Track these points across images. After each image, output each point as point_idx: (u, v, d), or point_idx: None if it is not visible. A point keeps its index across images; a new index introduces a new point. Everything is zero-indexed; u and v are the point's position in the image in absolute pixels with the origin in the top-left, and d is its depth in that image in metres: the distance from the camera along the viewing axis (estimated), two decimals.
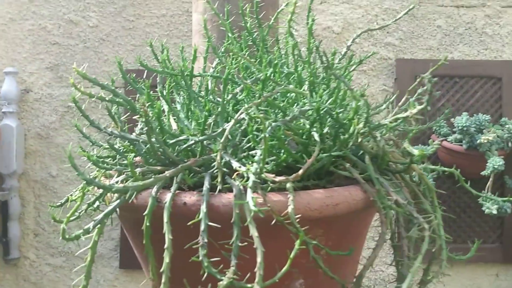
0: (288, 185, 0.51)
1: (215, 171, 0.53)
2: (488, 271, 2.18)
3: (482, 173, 1.96)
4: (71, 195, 0.64)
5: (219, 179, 0.50)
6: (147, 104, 0.53)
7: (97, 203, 0.57)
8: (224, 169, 0.52)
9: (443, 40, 2.24)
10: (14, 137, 2.11)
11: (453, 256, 0.60)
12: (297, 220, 0.48)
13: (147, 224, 0.51)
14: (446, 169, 0.67)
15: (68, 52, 2.24)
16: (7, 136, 2.10)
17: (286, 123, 0.52)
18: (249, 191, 0.47)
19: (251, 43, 0.70)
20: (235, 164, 0.52)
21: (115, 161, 0.63)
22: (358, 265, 0.62)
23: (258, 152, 0.48)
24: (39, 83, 2.23)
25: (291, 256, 0.46)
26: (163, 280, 0.48)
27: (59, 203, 0.65)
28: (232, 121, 0.51)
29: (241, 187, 0.50)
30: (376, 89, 2.21)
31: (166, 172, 0.53)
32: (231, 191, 0.51)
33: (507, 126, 2.02)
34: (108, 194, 0.57)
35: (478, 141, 1.98)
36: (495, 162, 1.93)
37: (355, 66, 0.68)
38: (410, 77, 2.21)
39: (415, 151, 0.54)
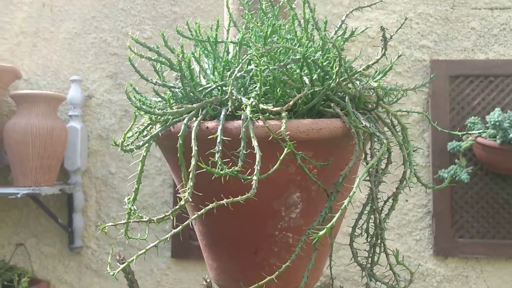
0: (283, 114, 0.66)
1: (229, 105, 0.69)
2: None
3: None
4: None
5: (230, 105, 0.66)
6: (180, 56, 0.70)
7: (145, 132, 0.74)
8: (236, 103, 0.68)
9: (478, 41, 2.31)
10: (79, 137, 2.35)
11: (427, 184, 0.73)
12: (288, 137, 0.63)
13: (180, 142, 0.67)
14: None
15: (125, 61, 2.47)
16: (73, 137, 2.34)
17: (280, 67, 0.67)
18: (248, 109, 0.62)
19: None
20: (244, 100, 0.67)
21: (159, 106, 0.80)
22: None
23: (257, 86, 0.64)
24: (100, 90, 2.47)
25: (281, 158, 0.61)
26: (190, 176, 0.64)
27: (118, 142, 0.81)
28: (239, 65, 0.67)
29: (248, 114, 0.66)
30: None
31: (194, 104, 0.69)
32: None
33: None
34: (154, 127, 0.74)
35: (511, 135, 2.04)
36: None
37: (349, 36, 0.82)
38: (444, 78, 2.29)
39: (374, 84, 0.68)
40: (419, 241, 2.27)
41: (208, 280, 0.83)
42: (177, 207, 0.64)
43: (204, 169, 0.59)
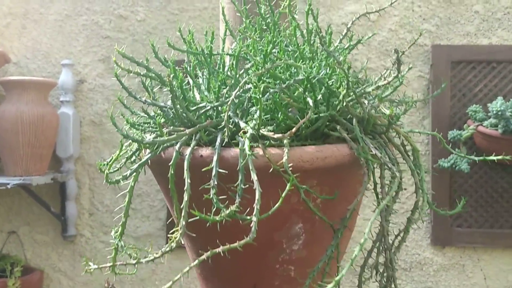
0: (285, 141, 0.61)
1: (225, 130, 0.64)
2: None
3: None
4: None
5: (226, 133, 0.61)
6: (171, 75, 0.65)
7: (133, 157, 0.69)
8: (232, 128, 0.63)
9: (481, 26, 2.24)
10: (71, 123, 2.29)
11: (438, 210, 0.69)
12: (290, 168, 0.58)
13: (172, 172, 0.62)
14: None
15: (118, 45, 2.39)
16: (65, 123, 2.28)
17: (282, 89, 0.62)
18: (246, 141, 0.57)
19: (265, 27, 0.80)
20: (242, 124, 0.62)
21: (148, 125, 0.74)
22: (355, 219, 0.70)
23: (257, 112, 0.59)
24: (92, 74, 2.40)
25: (283, 195, 0.56)
26: (182, 214, 0.59)
27: (105, 162, 0.76)
28: (237, 87, 0.62)
29: (246, 141, 0.60)
30: (412, 75, 2.25)
31: (187, 130, 0.64)
32: None
33: None
34: (142, 152, 0.68)
35: None
36: None
37: (354, 45, 0.77)
38: (446, 63, 2.23)
39: (387, 111, 0.63)
40: (417, 230, 2.25)
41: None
42: (167, 249, 0.60)
43: (197, 216, 0.54)
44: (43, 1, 2.44)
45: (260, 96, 0.56)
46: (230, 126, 0.61)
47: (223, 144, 0.62)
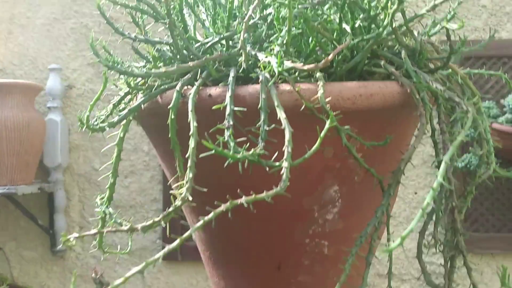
0: (318, 74, 0.47)
1: (240, 65, 0.50)
2: None
3: None
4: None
5: (244, 64, 0.47)
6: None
7: (122, 105, 0.55)
8: (249, 58, 0.49)
9: (489, 20, 2.16)
10: (59, 131, 2.15)
11: None
12: (328, 105, 0.45)
13: (172, 117, 0.49)
14: None
15: (108, 48, 2.28)
16: (52, 131, 2.14)
17: (314, 4, 0.49)
18: (267, 75, 0.43)
19: None
20: (260, 56, 0.49)
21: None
22: None
23: (283, 33, 0.45)
24: (81, 79, 2.27)
25: (321, 134, 0.43)
26: (189, 164, 0.45)
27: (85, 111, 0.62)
28: (253, 5, 0.49)
29: (267, 75, 0.47)
30: None
31: (190, 62, 0.50)
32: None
33: None
34: (134, 99, 0.55)
35: None
36: None
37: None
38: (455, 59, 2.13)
39: (454, 25, 0.50)
40: (429, 236, 2.12)
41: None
42: (170, 209, 0.46)
43: (211, 151, 0.40)
44: (30, 4, 2.33)
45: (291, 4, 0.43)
46: (246, 53, 0.48)
47: (236, 83, 0.48)
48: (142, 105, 0.52)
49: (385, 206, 0.48)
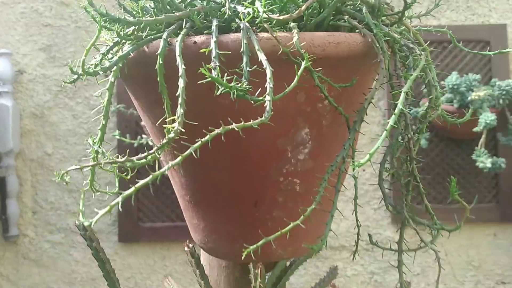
0: (292, 24, 0.53)
1: (221, 16, 0.55)
2: (486, 231, 2.20)
3: (474, 129, 1.95)
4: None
5: (227, 11, 0.52)
6: None
7: (110, 55, 0.59)
8: (231, 10, 0.54)
9: (430, 7, 2.27)
10: (10, 116, 2.12)
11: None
12: (303, 50, 0.50)
13: (160, 62, 0.53)
14: None
15: (60, 33, 2.25)
16: (3, 116, 2.10)
17: None
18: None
19: None
20: (240, 8, 0.54)
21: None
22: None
23: None
24: (32, 64, 2.24)
25: (298, 73, 0.49)
26: (179, 101, 0.50)
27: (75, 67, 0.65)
28: None
29: (247, 24, 0.52)
30: None
31: (177, 13, 0.55)
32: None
33: (497, 83, 2.04)
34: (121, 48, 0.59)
35: (469, 99, 2.01)
36: (487, 117, 1.94)
37: None
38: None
39: None
40: (377, 210, 2.23)
41: (190, 246, 0.69)
42: (164, 141, 0.50)
43: (205, 79, 0.44)
44: None
45: None
46: (229, 3, 0.53)
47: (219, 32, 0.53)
48: (131, 53, 0.56)
49: (351, 140, 0.54)
